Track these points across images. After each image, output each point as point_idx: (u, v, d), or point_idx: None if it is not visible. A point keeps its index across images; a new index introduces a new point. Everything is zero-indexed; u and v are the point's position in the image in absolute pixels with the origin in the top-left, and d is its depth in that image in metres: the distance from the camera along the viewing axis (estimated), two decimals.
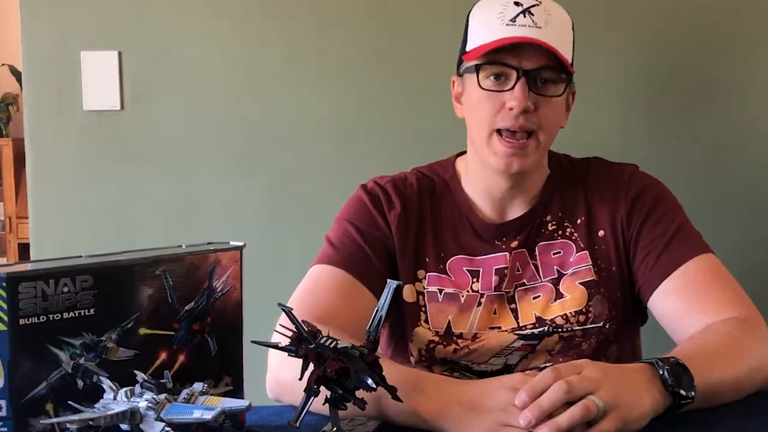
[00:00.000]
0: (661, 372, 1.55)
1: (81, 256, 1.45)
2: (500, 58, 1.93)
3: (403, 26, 2.64)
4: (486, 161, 2.00)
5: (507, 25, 1.93)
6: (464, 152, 2.14)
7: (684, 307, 1.92)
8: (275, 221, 2.73)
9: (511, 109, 1.92)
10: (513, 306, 2.03)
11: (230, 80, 2.73)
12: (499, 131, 1.94)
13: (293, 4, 2.70)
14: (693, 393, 1.55)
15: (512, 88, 1.92)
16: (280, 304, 1.42)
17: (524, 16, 1.93)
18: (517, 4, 1.95)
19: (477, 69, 1.97)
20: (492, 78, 1.95)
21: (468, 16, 2.05)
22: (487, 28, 1.97)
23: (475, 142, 2.02)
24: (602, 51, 2.64)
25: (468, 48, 2.01)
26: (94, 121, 2.73)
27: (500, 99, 1.94)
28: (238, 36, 2.72)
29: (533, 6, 1.94)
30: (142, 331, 1.44)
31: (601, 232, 2.04)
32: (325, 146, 2.72)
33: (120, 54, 2.72)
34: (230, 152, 2.74)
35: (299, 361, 1.41)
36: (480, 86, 1.96)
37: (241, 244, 1.57)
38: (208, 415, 1.30)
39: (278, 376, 1.77)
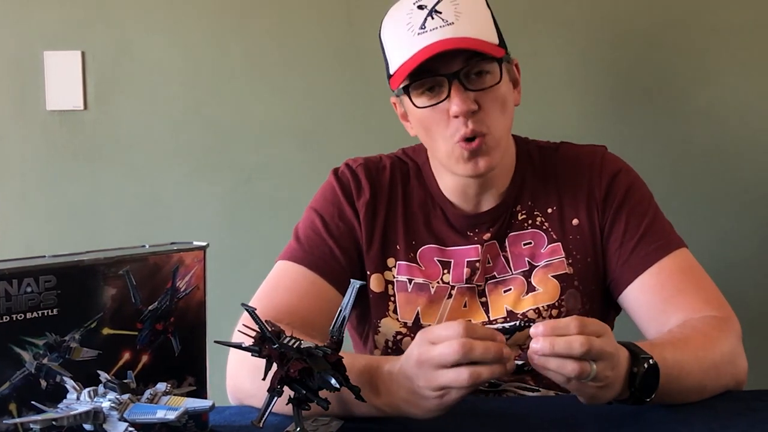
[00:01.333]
0: (634, 369, 1.54)
1: (44, 256, 1.44)
2: (425, 70, 1.86)
3: (366, 27, 2.64)
4: (454, 171, 1.95)
5: (418, 34, 1.85)
6: None
7: (660, 305, 1.91)
8: (238, 221, 2.73)
9: (456, 116, 1.86)
10: (483, 299, 2.01)
11: (193, 80, 2.73)
12: (456, 141, 1.88)
13: (256, 5, 2.71)
14: (650, 399, 1.56)
15: (448, 95, 1.85)
16: (243, 304, 1.42)
17: (432, 18, 1.85)
18: (420, 8, 1.88)
19: (407, 91, 1.91)
20: (426, 93, 1.89)
21: (380, 36, 2.00)
22: (400, 44, 1.90)
23: (437, 156, 1.98)
24: (564, 47, 2.66)
25: (391, 71, 1.95)
26: (57, 121, 2.73)
27: (442, 110, 1.88)
28: (201, 36, 2.72)
29: (437, 3, 1.87)
30: (106, 331, 1.44)
31: (574, 221, 2.02)
32: (287, 147, 2.72)
33: (83, 54, 2.72)
34: (193, 152, 2.74)
35: (258, 366, 1.41)
36: (416, 106, 1.91)
37: (204, 244, 1.57)
38: (172, 415, 1.30)
39: (237, 382, 1.78)
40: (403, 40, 1.89)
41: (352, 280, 1.49)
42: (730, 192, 2.68)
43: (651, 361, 1.55)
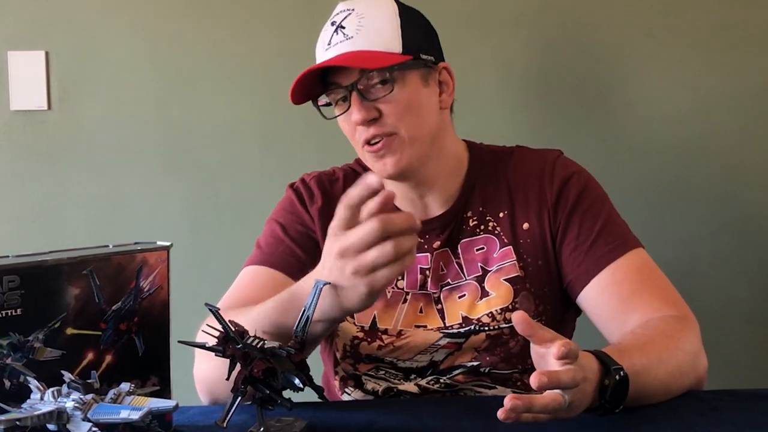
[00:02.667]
0: (605, 382, 1.53)
1: (8, 256, 1.44)
2: (331, 83, 1.97)
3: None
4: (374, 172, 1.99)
5: (326, 50, 1.97)
6: None
7: (618, 305, 1.91)
8: (202, 221, 2.73)
9: (357, 124, 1.93)
10: (439, 306, 2.01)
11: (157, 81, 2.73)
12: (366, 142, 1.95)
13: (219, 5, 2.71)
14: (618, 410, 1.55)
15: (350, 105, 1.93)
16: (207, 304, 1.42)
17: (337, 34, 1.96)
18: (333, 23, 1.99)
19: (316, 105, 2.01)
20: (340, 102, 1.97)
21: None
22: (316, 59, 2.01)
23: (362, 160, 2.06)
24: (496, 49, 2.67)
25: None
26: (20, 120, 2.72)
27: (350, 119, 1.95)
28: (164, 36, 2.72)
29: (346, 17, 1.96)
30: (69, 331, 1.44)
31: (525, 225, 2.02)
32: (251, 146, 2.73)
33: (47, 54, 2.71)
34: (157, 152, 2.73)
35: (225, 361, 1.42)
36: (325, 117, 2.00)
37: (168, 244, 1.57)
38: (135, 415, 1.30)
39: (205, 378, 1.78)
40: (318, 55, 2.02)
41: (315, 280, 1.50)
42: (687, 192, 2.70)
43: (622, 373, 1.54)
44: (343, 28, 1.94)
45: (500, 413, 1.38)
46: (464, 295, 2.01)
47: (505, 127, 2.61)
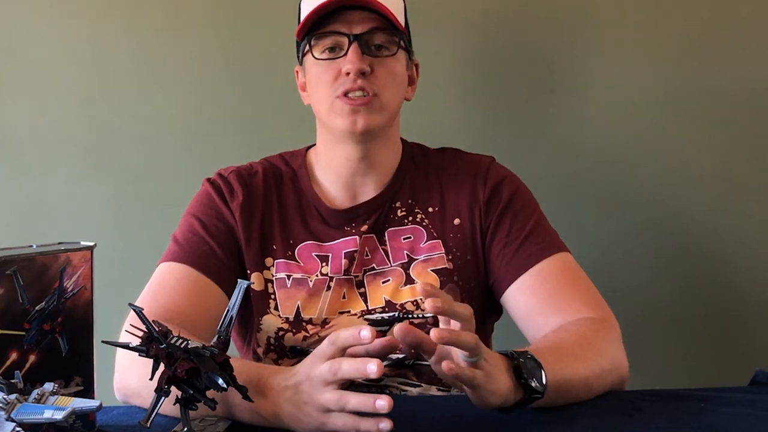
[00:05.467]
0: (515, 363, 1.56)
1: None
2: (330, 27, 1.97)
3: (252, 27, 2.65)
4: (333, 128, 2.02)
5: None
6: (315, 145, 2.17)
7: (538, 305, 1.95)
8: (125, 221, 2.72)
9: (348, 73, 1.95)
10: (362, 290, 2.03)
11: (80, 80, 2.71)
12: (343, 94, 1.97)
13: (143, 4, 2.70)
14: (544, 388, 1.56)
15: (345, 53, 1.96)
16: (130, 304, 1.42)
17: None
18: None
19: (310, 45, 2.01)
20: (327, 51, 1.99)
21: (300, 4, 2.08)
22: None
23: (321, 115, 2.05)
24: (431, 48, 2.66)
25: (302, 18, 2.03)
26: None
27: (336, 66, 1.97)
28: (88, 36, 2.70)
29: None
30: None
31: (456, 221, 2.06)
32: (174, 146, 2.72)
33: None
34: (80, 152, 2.71)
35: (146, 365, 1.41)
36: (315, 58, 2.01)
37: (91, 244, 1.57)
38: (59, 415, 1.30)
39: (125, 380, 1.77)
40: None
41: (239, 280, 1.50)
42: (614, 194, 2.73)
43: (529, 354, 1.58)
44: None
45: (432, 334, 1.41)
46: (388, 280, 2.03)
47: (431, 126, 2.62)
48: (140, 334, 1.41)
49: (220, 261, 2.02)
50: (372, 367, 1.40)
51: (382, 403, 1.41)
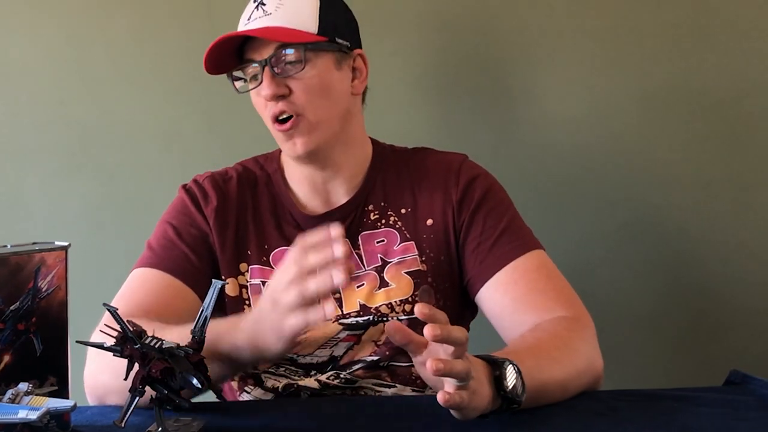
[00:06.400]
0: (496, 373, 1.55)
1: None
2: (246, 58, 2.00)
3: (227, 27, 2.64)
4: (283, 151, 2.06)
5: (245, 25, 2.01)
6: None
7: (512, 304, 1.94)
8: (100, 221, 2.71)
9: (267, 100, 1.96)
10: (337, 295, 2.02)
11: (55, 81, 2.71)
12: (274, 120, 1.98)
13: (118, 4, 2.69)
14: (522, 398, 1.55)
15: (262, 81, 1.96)
16: (105, 304, 1.42)
17: (257, 9, 2.00)
18: (255, 0, 2.03)
19: (231, 78, 2.03)
20: (249, 79, 2.02)
21: None
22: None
23: (274, 137, 2.05)
24: (408, 50, 2.69)
25: None
26: None
27: (260, 93, 1.98)
28: (62, 36, 2.69)
29: None
30: None
31: (429, 221, 2.05)
32: (150, 146, 2.71)
33: None
34: (55, 152, 2.71)
35: (120, 363, 1.42)
36: (237, 91, 2.04)
37: (66, 244, 1.56)
38: (33, 415, 1.30)
39: (99, 379, 1.76)
40: (239, 30, 2.02)
41: (214, 280, 1.50)
42: (583, 193, 2.73)
43: (509, 364, 1.56)
44: (264, 4, 1.98)
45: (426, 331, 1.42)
46: (363, 284, 2.03)
47: (404, 126, 2.62)
48: (114, 334, 1.41)
49: (194, 265, 2.02)
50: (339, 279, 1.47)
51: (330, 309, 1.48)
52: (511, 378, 1.55)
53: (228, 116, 2.69)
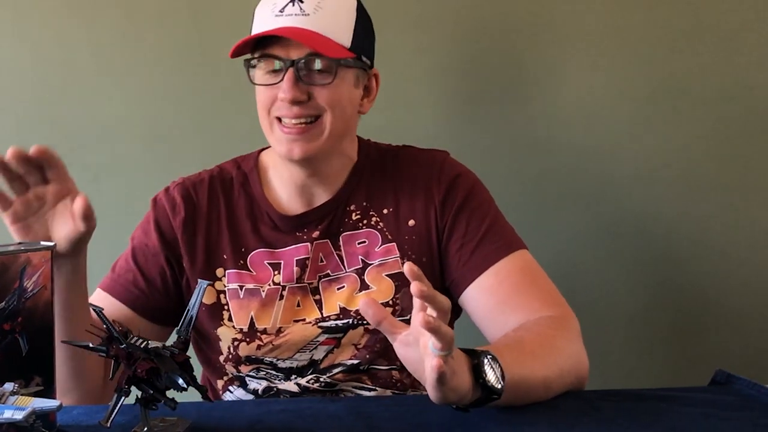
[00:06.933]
0: (474, 361, 1.54)
1: None
2: (268, 50, 1.94)
3: (211, 26, 2.64)
4: (272, 146, 2.02)
5: (276, 16, 1.93)
6: (270, 147, 2.13)
7: (497, 305, 1.94)
8: None
9: (282, 101, 1.92)
10: (317, 297, 2.02)
11: (39, 80, 2.70)
12: (279, 119, 1.96)
13: (102, 3, 2.69)
14: (502, 388, 1.55)
15: (282, 79, 1.92)
16: (90, 305, 1.42)
17: (293, 5, 1.93)
18: None
19: (247, 65, 1.98)
20: (265, 72, 1.96)
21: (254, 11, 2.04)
22: (260, 20, 1.97)
23: (264, 132, 2.02)
24: (407, 49, 2.69)
25: None
26: None
27: (274, 92, 1.94)
28: (46, 35, 2.69)
29: None
30: None
31: (411, 222, 2.04)
32: (134, 146, 2.71)
33: None
34: None
35: (82, 365, 1.42)
36: (253, 82, 1.98)
37: (51, 244, 1.56)
38: (19, 415, 1.30)
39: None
40: (264, 17, 1.96)
41: (200, 280, 1.51)
42: (580, 194, 2.74)
43: (489, 355, 1.56)
44: (301, 1, 1.93)
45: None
46: (343, 286, 2.03)
47: (398, 125, 2.63)
48: (100, 334, 1.41)
49: (142, 291, 2.04)
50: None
51: None
52: (489, 367, 1.55)
53: (212, 115, 2.69)
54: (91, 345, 1.42)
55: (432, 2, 2.70)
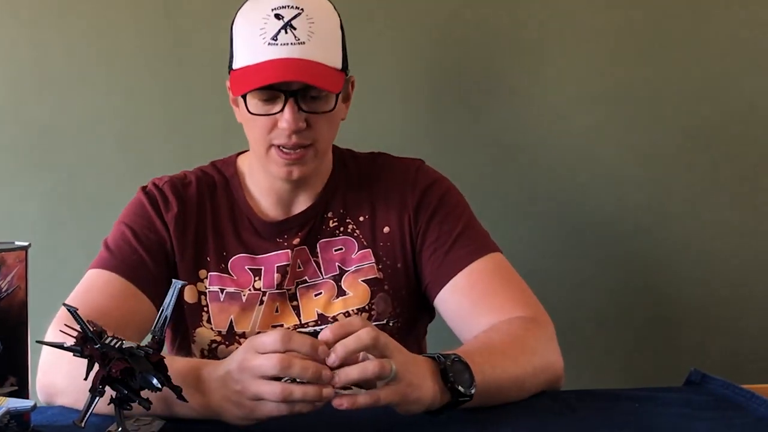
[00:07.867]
0: (441, 366, 1.56)
1: None
2: (267, 83, 1.89)
3: (186, 25, 2.63)
4: (267, 170, 1.99)
5: (269, 44, 1.89)
6: (246, 151, 2.13)
7: (470, 307, 1.95)
8: (60, 221, 2.69)
9: (284, 129, 1.90)
10: (295, 303, 2.03)
11: (12, 79, 2.68)
12: (275, 145, 1.93)
13: (74, 3, 2.67)
14: (472, 391, 1.56)
15: (282, 109, 1.89)
16: (65, 304, 1.42)
17: (286, 32, 1.88)
18: (278, 17, 1.90)
19: (244, 97, 1.93)
20: (260, 100, 1.91)
21: (232, 26, 2.00)
22: (250, 47, 1.93)
23: (256, 152, 2.00)
24: (381, 50, 2.69)
25: (235, 65, 1.97)
26: None
27: (272, 119, 1.90)
28: (20, 36, 2.67)
29: (295, 17, 1.90)
30: None
31: (386, 229, 2.05)
32: (109, 146, 2.69)
33: None
34: (14, 152, 2.68)
35: (75, 363, 1.41)
36: (250, 112, 1.92)
37: (26, 244, 1.56)
38: None
39: (51, 379, 1.75)
40: (254, 44, 1.91)
41: (174, 280, 1.50)
42: (549, 195, 2.75)
43: (455, 357, 1.58)
44: (294, 28, 1.89)
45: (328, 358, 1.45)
46: (321, 293, 2.03)
47: (366, 128, 2.62)
48: (74, 333, 1.41)
49: (151, 272, 1.99)
50: (328, 391, 1.45)
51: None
52: (456, 369, 1.57)
53: (186, 116, 2.68)
54: (65, 345, 1.42)
55: (408, 4, 2.70)
